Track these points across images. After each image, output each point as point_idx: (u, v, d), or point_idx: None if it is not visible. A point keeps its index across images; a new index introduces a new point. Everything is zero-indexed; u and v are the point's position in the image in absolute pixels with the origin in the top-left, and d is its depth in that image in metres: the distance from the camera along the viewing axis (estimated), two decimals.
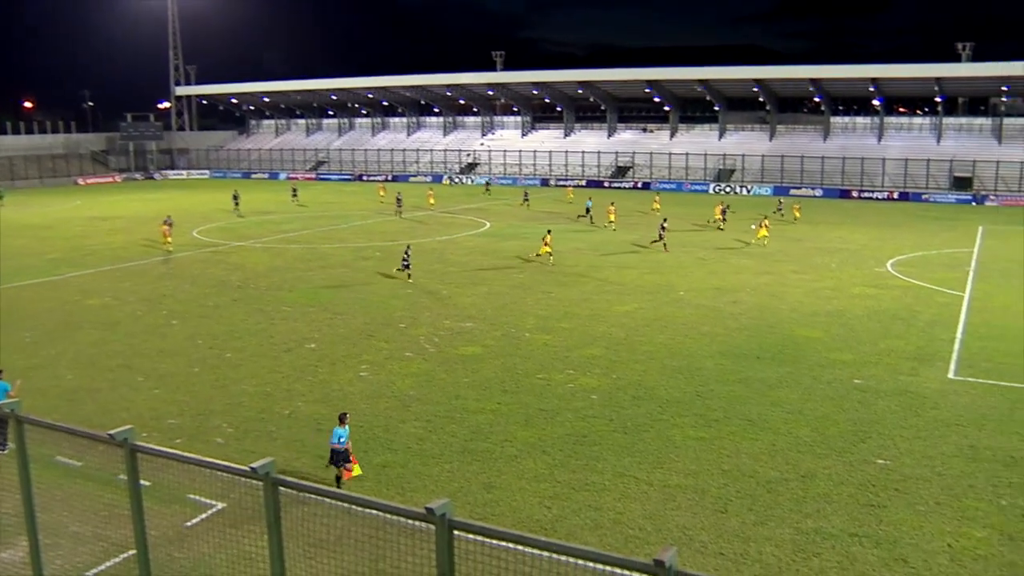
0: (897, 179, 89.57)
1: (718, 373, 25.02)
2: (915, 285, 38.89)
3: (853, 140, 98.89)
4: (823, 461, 18.61)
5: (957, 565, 14.35)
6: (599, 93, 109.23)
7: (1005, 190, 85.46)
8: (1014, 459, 18.91)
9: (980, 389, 23.90)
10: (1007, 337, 29.60)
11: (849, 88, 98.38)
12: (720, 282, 39.04)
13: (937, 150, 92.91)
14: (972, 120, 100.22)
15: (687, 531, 15.33)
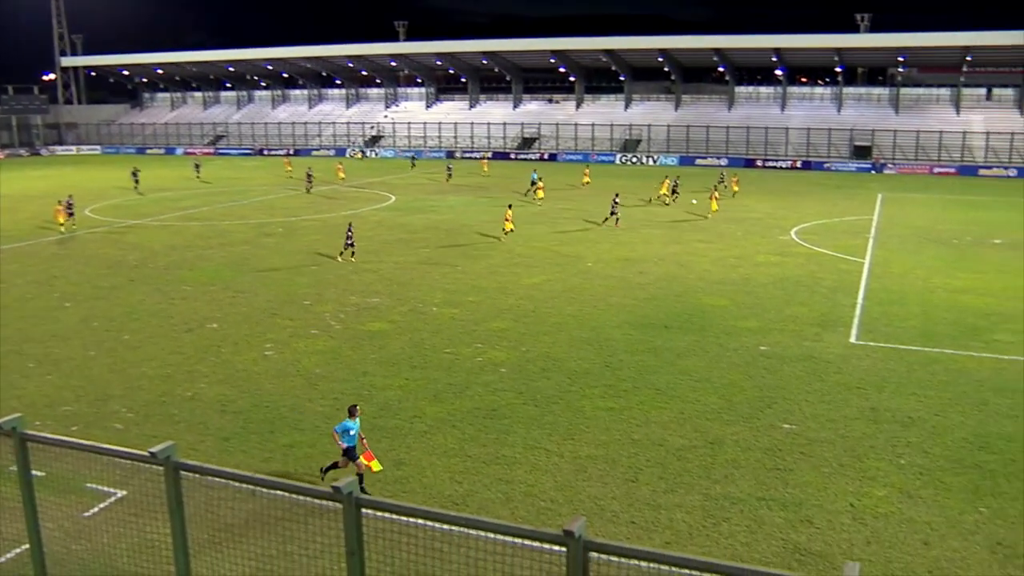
0: (800, 148, 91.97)
1: (626, 343, 25.39)
2: (818, 252, 40.08)
3: (757, 110, 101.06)
4: (731, 427, 19.08)
5: (859, 524, 14.90)
6: (504, 63, 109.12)
7: (902, 158, 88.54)
8: (912, 419, 19.70)
9: (880, 353, 24.79)
10: (905, 302, 30.76)
11: (752, 58, 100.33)
12: (628, 253, 39.56)
13: (838, 119, 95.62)
14: (871, 90, 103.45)
15: (598, 501, 15.56)
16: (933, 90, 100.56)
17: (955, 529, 14.74)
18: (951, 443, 18.41)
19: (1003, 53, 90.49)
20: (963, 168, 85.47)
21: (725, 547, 14.08)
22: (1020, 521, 15.05)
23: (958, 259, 39.19)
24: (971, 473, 16.96)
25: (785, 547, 14.13)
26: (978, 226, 49.60)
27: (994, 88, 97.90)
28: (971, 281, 34.45)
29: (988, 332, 27.08)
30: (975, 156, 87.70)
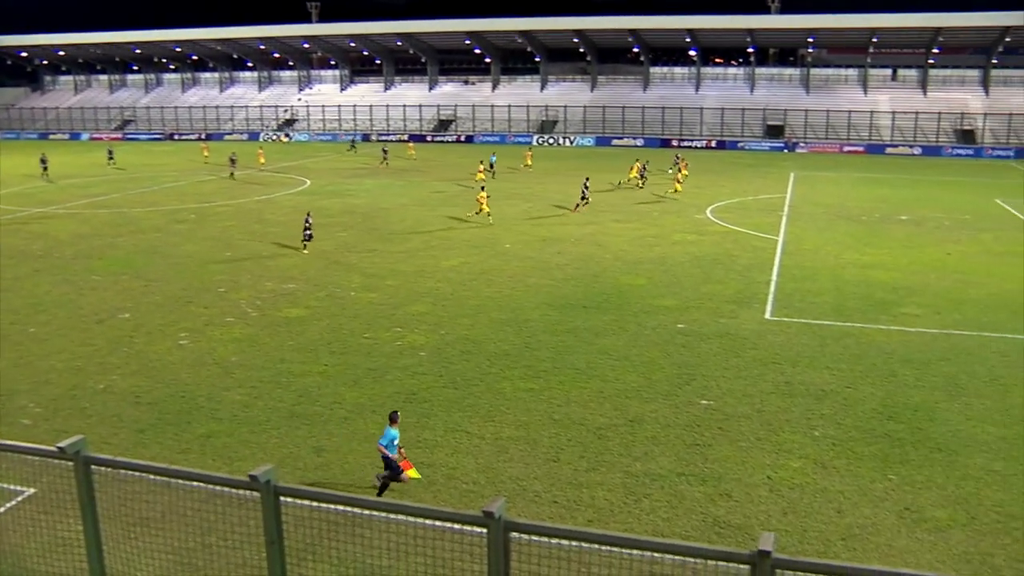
0: (714, 128, 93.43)
1: (545, 324, 25.57)
2: (733, 230, 40.86)
3: (672, 90, 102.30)
4: (650, 405, 19.38)
5: (776, 495, 15.31)
6: (419, 45, 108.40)
7: (814, 137, 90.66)
8: (825, 392, 20.28)
9: (794, 328, 25.44)
10: (817, 278, 31.60)
11: (667, 39, 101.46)
12: (545, 233, 39.78)
13: (751, 99, 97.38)
14: (782, 70, 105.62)
15: (520, 482, 15.68)
16: (842, 71, 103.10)
17: (866, 497, 15.25)
18: (862, 414, 19.02)
19: (907, 35, 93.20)
20: (871, 147, 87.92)
21: (646, 523, 14.32)
22: (926, 487, 15.65)
23: (867, 235, 40.36)
24: (881, 442, 17.55)
25: (705, 521, 14.44)
26: (886, 203, 51.11)
27: (899, 69, 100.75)
28: (879, 256, 35.53)
29: (896, 306, 27.99)
30: (882, 135, 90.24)
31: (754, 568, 5.84)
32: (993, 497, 15.28)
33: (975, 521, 14.46)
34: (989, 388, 20.72)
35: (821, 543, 13.79)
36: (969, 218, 46.09)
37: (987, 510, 14.81)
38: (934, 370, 21.95)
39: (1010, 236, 40.98)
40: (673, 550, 6.89)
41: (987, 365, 22.36)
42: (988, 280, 31.72)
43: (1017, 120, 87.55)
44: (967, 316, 26.96)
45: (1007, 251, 37.25)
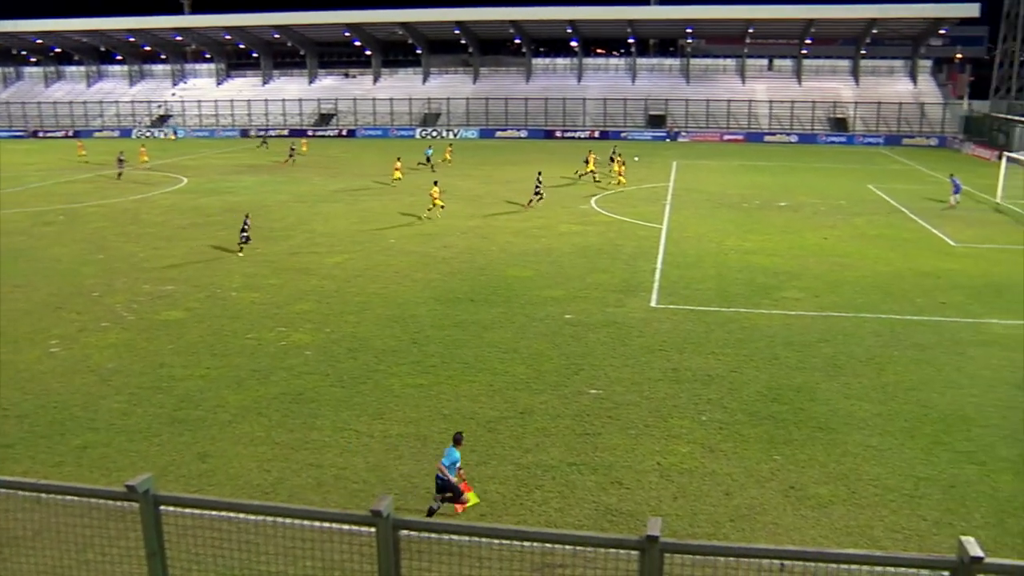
0: (597, 118, 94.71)
1: (433, 319, 25.52)
2: (618, 220, 41.52)
3: (554, 81, 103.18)
4: (540, 396, 19.55)
5: (666, 480, 15.64)
6: (297, 38, 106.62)
7: (695, 126, 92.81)
8: (711, 377, 20.81)
9: (680, 315, 26.01)
10: (701, 265, 32.39)
11: (548, 30, 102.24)
12: (430, 227, 39.67)
13: (633, 90, 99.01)
14: (663, 61, 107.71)
15: (412, 479, 15.61)
16: (720, 61, 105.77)
17: (753, 478, 15.72)
18: (747, 397, 19.59)
19: (781, 26, 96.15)
20: (750, 135, 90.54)
21: (539, 514, 14.44)
22: (809, 465, 16.23)
23: (748, 222, 41.55)
24: (766, 424, 18.12)
25: (597, 509, 14.64)
26: (765, 190, 52.69)
27: (775, 59, 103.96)
28: (760, 242, 36.63)
29: (777, 290, 28.91)
30: (760, 123, 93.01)
31: (643, 554, 5.95)
32: (871, 472, 15.96)
33: (855, 496, 15.07)
34: (866, 367, 21.62)
35: (711, 525, 14.15)
36: (844, 203, 47.92)
37: (866, 484, 15.46)
38: (814, 351, 22.77)
39: (882, 220, 42.79)
40: (564, 540, 6.97)
41: (863, 345, 23.33)
42: (862, 263, 33.07)
43: (885, 108, 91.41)
44: (844, 298, 28.05)
45: (879, 234, 38.88)
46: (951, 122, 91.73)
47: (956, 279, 30.73)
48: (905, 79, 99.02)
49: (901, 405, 19.23)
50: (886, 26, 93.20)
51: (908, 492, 15.22)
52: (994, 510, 14.67)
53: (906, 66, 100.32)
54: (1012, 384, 20.59)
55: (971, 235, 39.05)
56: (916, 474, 15.90)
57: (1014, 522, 14.30)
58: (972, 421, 18.40)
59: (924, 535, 13.76)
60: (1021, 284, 30.12)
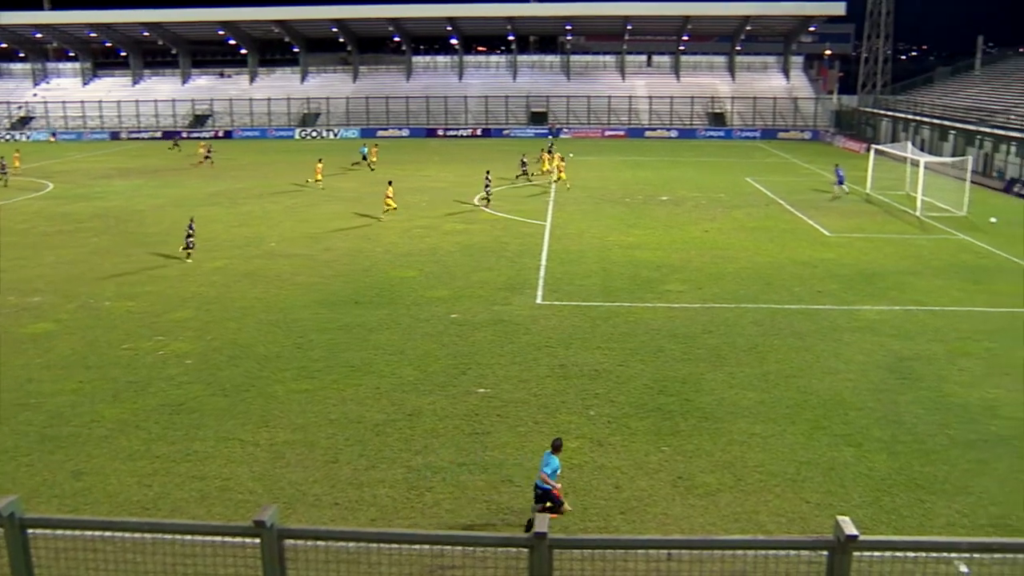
0: (479, 116, 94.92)
1: (317, 323, 25.15)
2: (502, 218, 41.70)
3: (435, 79, 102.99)
4: (428, 398, 19.47)
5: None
6: (168, 36, 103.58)
7: (576, 123, 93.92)
8: (598, 372, 21.09)
9: (565, 311, 26.28)
10: (584, 260, 32.81)
11: (427, 27, 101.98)
12: (312, 229, 39.08)
13: (514, 87, 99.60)
14: (544, 58, 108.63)
15: (299, 486, 15.35)
16: (600, 57, 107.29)
17: (642, 470, 15.99)
18: (634, 390, 19.93)
19: (659, 23, 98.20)
20: (631, 130, 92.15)
21: (431, 516, 14.39)
22: (696, 455, 16.61)
23: (631, 217, 42.28)
24: (653, 416, 18.46)
25: (489, 508, 14.67)
26: (647, 185, 53.71)
27: (653, 55, 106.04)
28: (643, 237, 37.32)
29: (660, 283, 29.50)
30: (641, 119, 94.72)
31: (532, 551, 5.97)
32: (756, 458, 16.43)
33: (741, 483, 15.49)
34: (748, 356, 22.25)
35: (602, 519, 14.34)
36: (724, 196, 49.22)
37: (751, 471, 15.91)
38: (699, 343, 23.31)
39: (760, 212, 44.12)
40: (454, 541, 6.94)
41: (745, 335, 24.01)
42: (742, 254, 34.03)
43: (761, 103, 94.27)
44: (725, 289, 28.81)
45: (758, 226, 40.08)
46: (823, 116, 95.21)
47: (831, 268, 31.91)
48: (779, 75, 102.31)
49: (783, 392, 19.87)
50: (759, 23, 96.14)
51: (791, 476, 15.73)
52: (870, 489, 15.30)
53: (779, 62, 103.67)
54: (884, 368, 21.50)
55: (844, 225, 40.61)
56: (798, 459, 16.45)
57: (888, 500, 14.94)
58: (849, 405, 19.14)
59: (807, 517, 14.23)
60: (890, 271, 31.51)
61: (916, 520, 14.31)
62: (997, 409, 19.04)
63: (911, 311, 26.53)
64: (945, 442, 17.31)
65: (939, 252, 35.11)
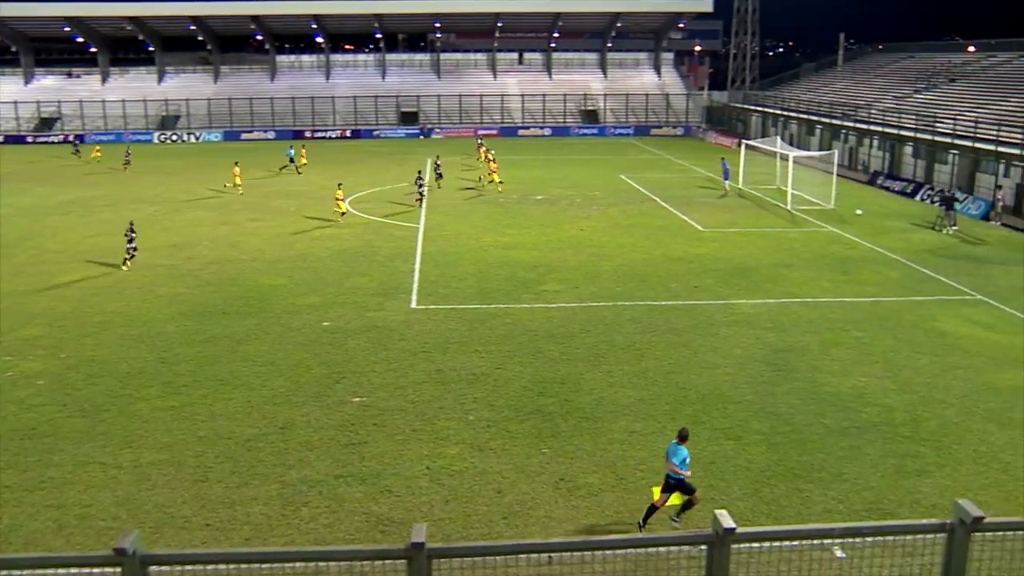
0: (348, 117, 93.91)
1: (182, 335, 24.44)
2: (374, 221, 41.38)
3: (301, 79, 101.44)
4: (301, 409, 19.16)
5: (437, 484, 15.73)
6: (7, 32, 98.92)
7: (448, 122, 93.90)
8: (476, 376, 21.13)
9: (441, 315, 26.25)
10: (460, 262, 32.84)
11: (291, 25, 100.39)
12: (175, 238, 37.99)
13: (383, 86, 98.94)
14: (413, 56, 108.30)
15: (167, 509, 14.88)
16: (471, 55, 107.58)
17: (523, 474, 16.10)
18: (513, 393, 20.04)
19: (529, 19, 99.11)
20: (504, 129, 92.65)
21: (307, 532, 14.17)
22: (577, 455, 16.81)
23: (506, 217, 42.51)
24: (533, 419, 18.60)
25: (368, 520, 14.54)
26: (521, 184, 54.07)
27: (525, 53, 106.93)
28: (519, 237, 37.59)
29: (537, 284, 29.76)
30: (514, 117, 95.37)
31: (410, 562, 5.91)
32: (636, 456, 16.74)
33: (623, 481, 15.75)
34: (626, 354, 22.65)
35: (484, 525, 14.37)
36: (599, 194, 49.98)
37: (632, 469, 16.20)
38: (577, 342, 23.61)
39: (635, 209, 44.99)
40: (330, 556, 6.81)
41: (623, 333, 24.44)
42: (618, 252, 34.63)
43: (633, 100, 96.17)
44: (602, 288, 29.26)
45: (633, 223, 40.86)
46: (694, 112, 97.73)
47: (706, 263, 32.78)
48: (650, 71, 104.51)
49: (662, 389, 20.30)
50: (629, 20, 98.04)
51: None
52: (750, 481, 15.77)
53: (650, 59, 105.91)
54: (761, 360, 22.21)
55: (718, 220, 41.78)
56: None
57: (768, 491, 15.44)
58: (727, 399, 19.70)
59: (690, 513, 14.53)
60: (764, 265, 32.58)
61: (795, 509, 14.83)
62: (867, 397, 19.91)
63: (785, 303, 27.48)
64: (820, 431, 17.99)
65: (810, 244, 36.47)
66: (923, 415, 18.92)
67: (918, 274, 31.66)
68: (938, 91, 66.47)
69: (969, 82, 66.50)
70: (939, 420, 18.61)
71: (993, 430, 18.18)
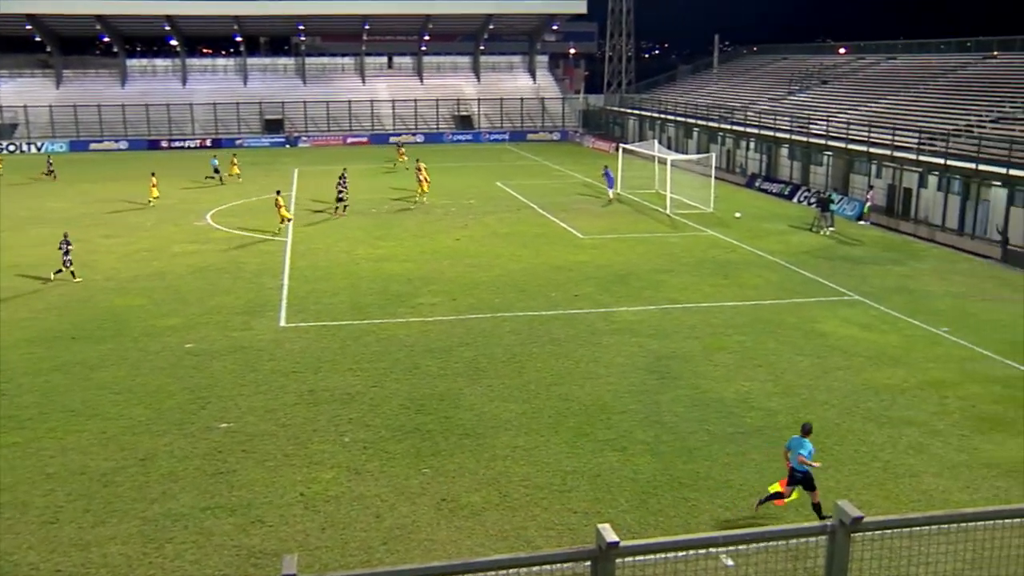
0: (208, 125, 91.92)
1: (27, 363, 23.48)
2: (239, 235, 40.62)
3: (155, 85, 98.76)
4: (163, 439, 18.65)
5: (312, 511, 15.54)
6: None
7: (315, 130, 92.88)
8: (351, 396, 20.96)
9: (312, 332, 25.95)
10: (331, 277, 32.53)
11: (142, 27, 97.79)
12: (17, 258, 36.46)
13: (245, 92, 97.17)
14: (276, 60, 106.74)
15: (10, 556, 14.27)
16: (338, 59, 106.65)
17: (403, 496, 16.04)
18: (390, 412, 19.97)
19: (399, 22, 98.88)
20: (375, 136, 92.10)
21: (172, 570, 13.83)
22: (459, 474, 16.84)
23: (379, 228, 42.29)
24: (412, 438, 18.56)
25: (239, 554, 14.27)
26: (394, 192, 53.95)
27: (395, 56, 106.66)
28: (393, 249, 37.46)
29: (413, 297, 29.72)
30: (384, 124, 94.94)
31: None
32: (520, 472, 16.88)
33: (507, 499, 15.85)
34: (507, 367, 22.82)
35: (363, 552, 14.27)
36: (474, 202, 50.21)
37: (516, 486, 16.32)
38: (455, 356, 23.67)
39: (512, 217, 45.35)
40: None
41: (503, 345, 24.61)
42: (496, 262, 34.86)
43: (508, 104, 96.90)
44: (480, 299, 29.41)
45: (510, 232, 41.19)
46: (571, 116, 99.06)
47: (586, 271, 33.29)
48: (525, 75, 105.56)
49: (544, 401, 20.52)
50: (502, 22, 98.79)
51: (557, 487, 16.26)
52: (637, 492, 16.08)
53: (525, 62, 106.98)
54: (643, 369, 22.68)
55: (597, 226, 42.46)
56: (563, 468, 17.03)
57: (654, 501, 15.78)
58: (611, 409, 20.04)
59: (575, 528, 14.74)
60: (645, 270, 33.29)
61: (682, 519, 15.18)
62: (751, 401, 20.55)
63: (667, 309, 28.12)
64: (705, 438, 18.47)
65: (690, 249, 37.42)
66: (806, 417, 19.49)
67: (797, 276, 32.85)
68: (811, 93, 69.09)
69: (841, 84, 69.36)
70: (821, 422, 19.31)
71: (872, 429, 19.01)
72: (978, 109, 49.24)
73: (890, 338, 25.58)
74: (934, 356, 24.14)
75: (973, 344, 25.07)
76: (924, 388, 21.64)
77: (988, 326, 26.97)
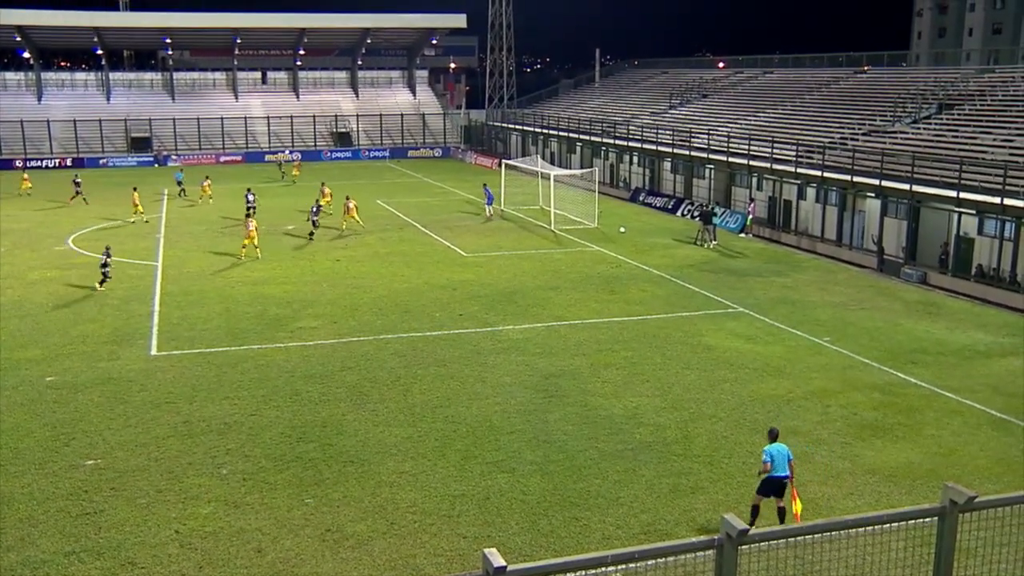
0: (68, 143, 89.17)
1: None
2: (95, 259, 39.33)
3: (7, 100, 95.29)
4: (21, 480, 17.91)
5: (188, 549, 15.13)
6: None
7: (186, 148, 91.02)
8: (228, 425, 20.53)
9: (186, 360, 25.36)
10: (205, 302, 31.87)
11: None
12: None
13: (109, 109, 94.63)
14: (142, 75, 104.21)
15: None
16: (209, 74, 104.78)
17: (285, 528, 15.77)
18: (270, 441, 19.62)
19: (272, 35, 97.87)
20: (249, 155, 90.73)
21: None
22: (344, 503, 16.64)
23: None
24: (294, 467, 18.27)
25: None
26: (270, 213, 53.06)
27: (269, 72, 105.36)
28: (270, 271, 36.92)
29: (292, 320, 29.32)
30: (259, 142, 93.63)
31: None
32: (408, 498, 16.77)
33: (394, 527, 15.72)
34: (392, 391, 22.69)
35: None
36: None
37: (403, 513, 16.20)
38: (338, 381, 23.43)
39: (394, 236, 45.20)
40: None
41: (387, 368, 24.47)
42: (378, 283, 34.67)
43: (388, 120, 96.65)
44: (363, 321, 29.20)
45: (393, 251, 41.04)
46: (452, 132, 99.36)
47: (471, 289, 33.36)
48: (404, 90, 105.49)
49: (430, 424, 20.45)
50: (380, 36, 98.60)
51: (446, 512, 16.20)
52: (527, 514, 16.14)
53: (404, 77, 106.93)
54: (531, 388, 22.82)
55: (482, 244, 42.63)
56: (452, 493, 16.99)
57: (545, 522, 15.86)
58: (499, 430, 20.09)
59: (465, 554, 14.71)
60: (530, 288, 33.56)
61: (573, 539, 15.28)
62: (640, 416, 20.87)
63: (553, 327, 28.37)
64: (595, 456, 18.66)
65: (575, 265, 37.86)
66: (695, 431, 20.02)
67: (683, 290, 33.55)
68: (692, 106, 70.79)
69: (721, 97, 71.27)
70: (710, 435, 19.74)
71: (760, 441, 19.37)
72: (851, 122, 51.17)
73: (774, 349, 26.33)
74: (817, 366, 24.96)
75: (853, 352, 26.06)
76: (808, 398, 22.33)
77: (867, 334, 28.05)
